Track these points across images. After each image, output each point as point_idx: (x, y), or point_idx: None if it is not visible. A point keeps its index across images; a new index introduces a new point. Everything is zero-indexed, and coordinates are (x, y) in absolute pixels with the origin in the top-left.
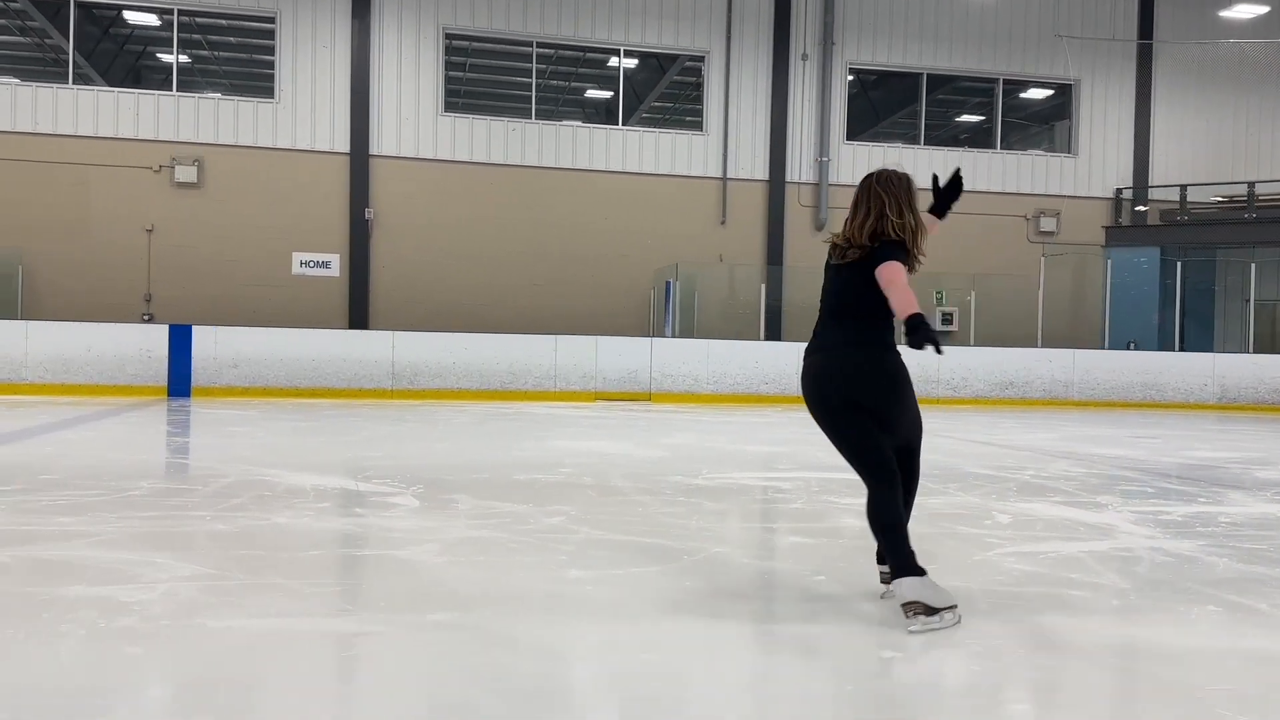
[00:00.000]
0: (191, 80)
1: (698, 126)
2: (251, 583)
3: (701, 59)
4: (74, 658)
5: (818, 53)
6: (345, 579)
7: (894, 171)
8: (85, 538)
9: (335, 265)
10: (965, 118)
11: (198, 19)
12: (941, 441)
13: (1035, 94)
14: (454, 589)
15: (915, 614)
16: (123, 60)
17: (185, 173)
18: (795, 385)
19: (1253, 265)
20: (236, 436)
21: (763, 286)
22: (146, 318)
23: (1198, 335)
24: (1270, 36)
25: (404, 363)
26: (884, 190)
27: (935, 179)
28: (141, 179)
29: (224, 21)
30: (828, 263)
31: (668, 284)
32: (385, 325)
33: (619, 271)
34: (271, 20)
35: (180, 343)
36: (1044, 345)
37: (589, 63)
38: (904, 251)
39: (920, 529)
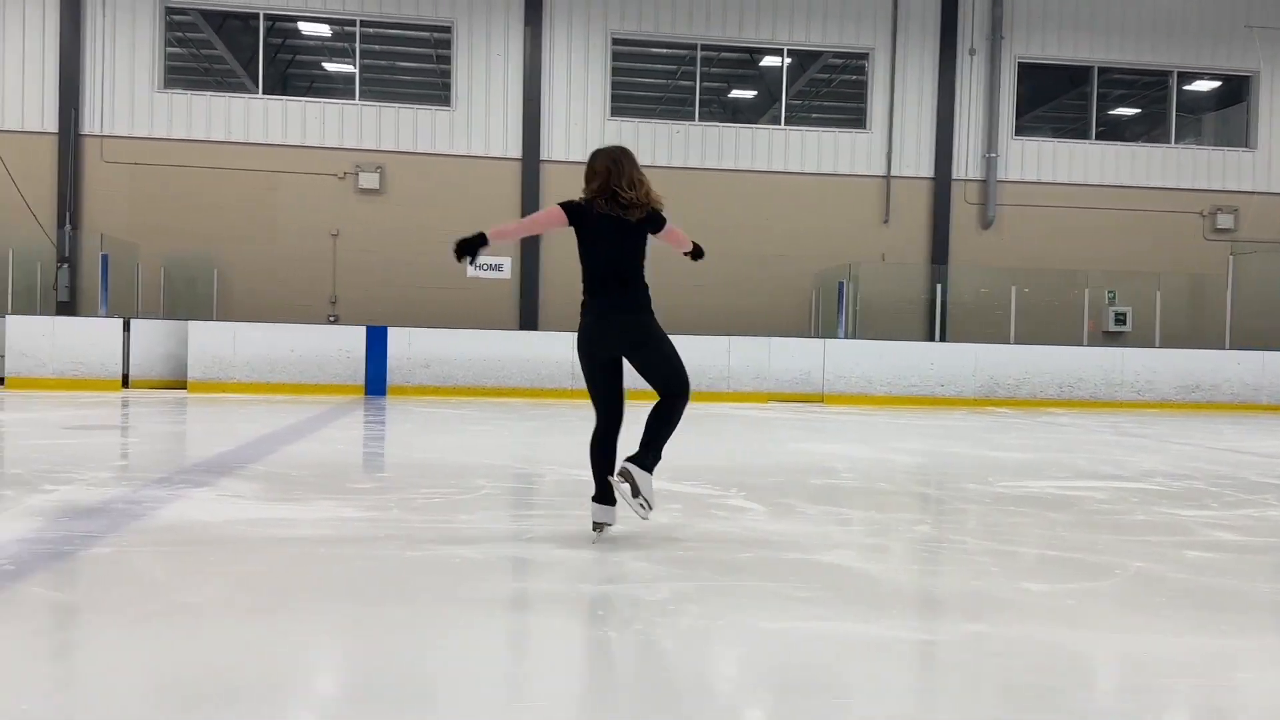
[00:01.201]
0: (366, 89)
1: (856, 124)
2: (756, 587)
3: (865, 56)
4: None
5: (985, 46)
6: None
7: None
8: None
9: (507, 268)
10: (1124, 110)
11: (374, 29)
12: (1194, 450)
13: (1199, 86)
14: (924, 594)
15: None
16: (284, 69)
17: (368, 179)
18: (973, 388)
19: None
20: (485, 435)
21: (939, 286)
22: (332, 319)
23: None
24: None
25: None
26: (634, 162)
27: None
28: (327, 185)
29: (401, 31)
30: (598, 218)
31: (840, 284)
32: (553, 326)
33: (780, 271)
34: (448, 30)
35: (376, 343)
36: (1231, 347)
37: (729, 62)
38: None
39: None
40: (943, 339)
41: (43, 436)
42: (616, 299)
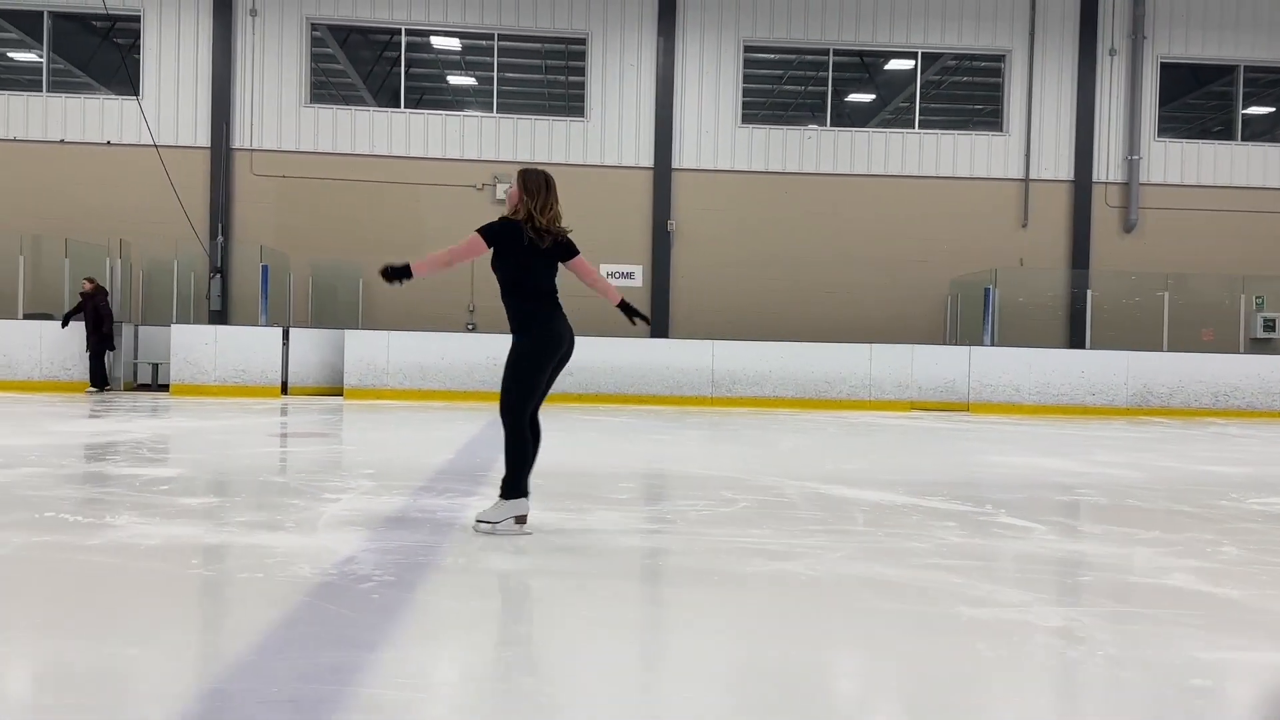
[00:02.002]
0: (502, 102)
1: (990, 126)
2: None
3: (1001, 58)
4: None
5: (1126, 46)
6: (1201, 608)
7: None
8: (823, 554)
9: (638, 276)
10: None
11: (510, 42)
12: None
13: None
14: None
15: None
16: (397, 82)
17: (505, 190)
18: (1125, 397)
19: None
20: (670, 445)
21: (1087, 292)
22: (470, 327)
23: None
24: None
25: (723, 370)
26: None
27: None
28: (465, 196)
29: (532, 44)
30: (531, 246)
31: (986, 290)
32: (683, 334)
33: (913, 277)
34: (582, 41)
35: None
36: None
37: (840, 66)
38: None
39: None
40: (1083, 345)
41: (260, 444)
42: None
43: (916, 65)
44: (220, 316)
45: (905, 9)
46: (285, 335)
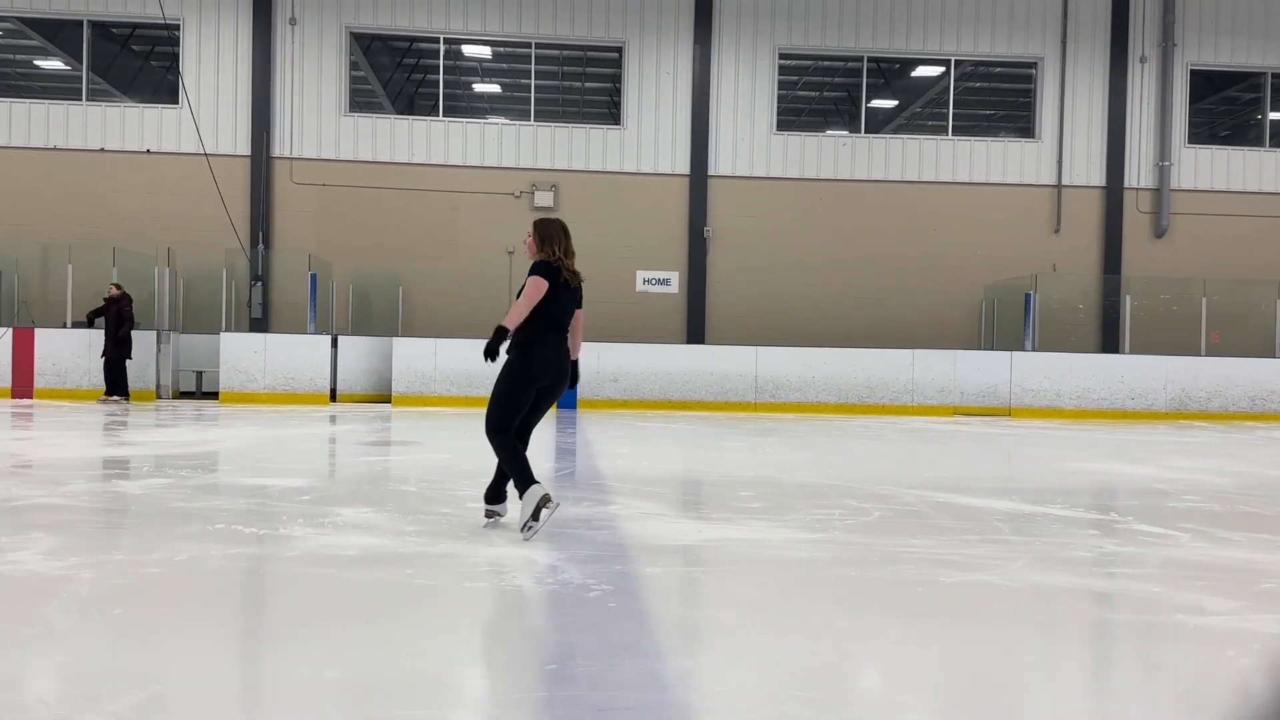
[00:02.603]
0: (540, 109)
1: (1022, 133)
2: None
3: (1034, 65)
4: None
5: (1157, 54)
6: None
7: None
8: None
9: (674, 282)
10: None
11: (549, 50)
12: None
13: None
14: None
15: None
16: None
17: (543, 197)
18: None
19: None
20: (747, 451)
21: (1125, 297)
22: None
23: None
24: None
25: (766, 376)
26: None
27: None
28: (503, 204)
29: (569, 53)
30: (566, 284)
31: (1027, 296)
32: (718, 339)
33: (947, 283)
34: (618, 50)
35: None
36: None
37: (878, 73)
38: None
39: None
40: (1116, 350)
41: (358, 453)
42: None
43: (949, 72)
44: (261, 324)
45: (938, 16)
46: (334, 342)
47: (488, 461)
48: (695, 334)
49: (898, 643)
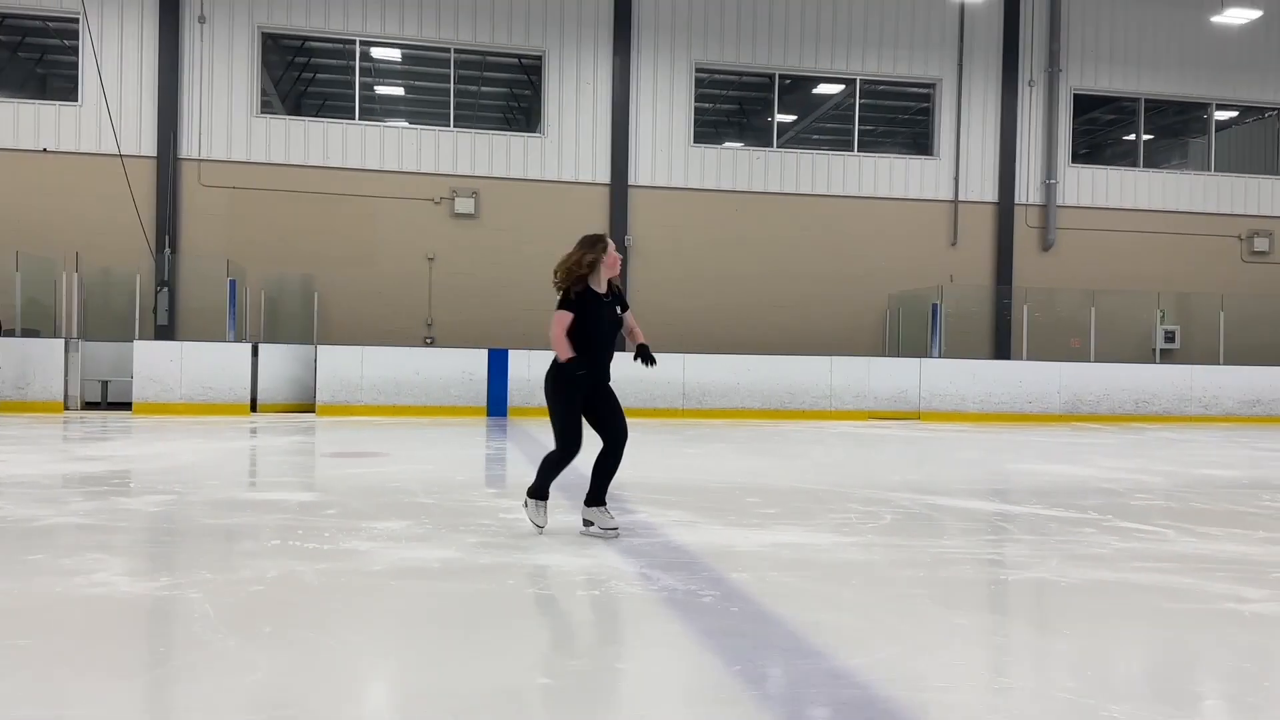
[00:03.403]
0: (445, 115)
1: (924, 150)
2: None
3: (933, 86)
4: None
5: (1044, 78)
6: None
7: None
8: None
9: None
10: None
11: (470, 56)
12: None
13: (1220, 116)
14: None
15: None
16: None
17: (464, 204)
18: (1059, 405)
19: None
20: (702, 457)
21: (1024, 306)
22: (428, 341)
23: None
24: None
25: (693, 383)
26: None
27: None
28: (423, 210)
29: (489, 59)
30: (604, 300)
31: (933, 305)
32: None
33: (853, 292)
34: (539, 58)
35: (498, 366)
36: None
37: (751, 86)
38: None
39: None
40: (1007, 357)
41: (333, 467)
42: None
43: (855, 90)
44: (167, 332)
45: (845, 37)
46: (254, 351)
47: (480, 471)
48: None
49: (1040, 638)
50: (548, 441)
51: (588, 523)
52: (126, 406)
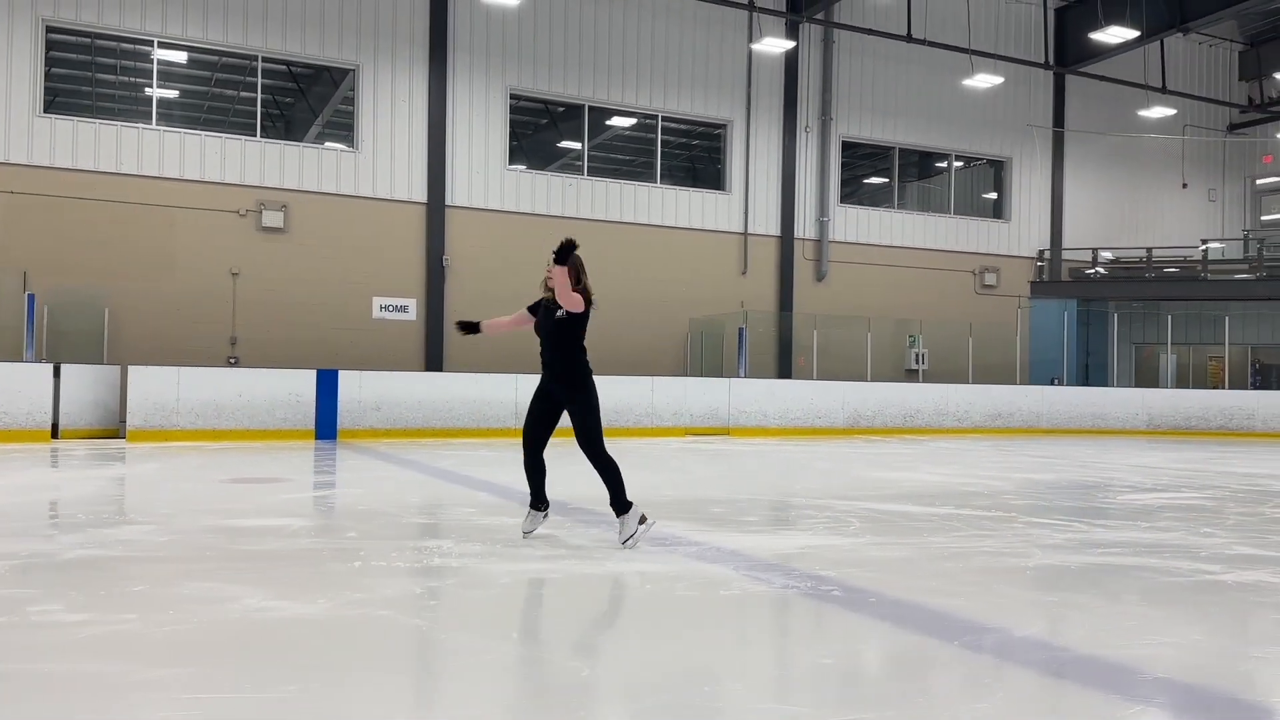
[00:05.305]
0: (252, 125)
1: (718, 185)
2: None
3: (724, 126)
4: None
5: (817, 125)
6: None
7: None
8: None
9: (413, 309)
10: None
11: (278, 65)
12: (1105, 468)
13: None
14: None
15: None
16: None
17: (272, 217)
18: (842, 419)
19: (1169, 316)
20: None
21: (814, 331)
22: (232, 360)
23: (1097, 374)
24: (1171, 133)
25: (525, 403)
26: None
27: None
28: (227, 223)
29: (299, 69)
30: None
31: (740, 330)
32: (458, 367)
33: (657, 316)
34: (348, 72)
35: (327, 387)
36: (1020, 383)
37: (598, 119)
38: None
39: None
40: (789, 376)
41: (286, 492)
42: None
43: (658, 126)
44: None
45: (648, 75)
46: (56, 372)
47: (434, 490)
48: (434, 361)
49: (1141, 615)
50: (414, 459)
51: (528, 533)
52: None
